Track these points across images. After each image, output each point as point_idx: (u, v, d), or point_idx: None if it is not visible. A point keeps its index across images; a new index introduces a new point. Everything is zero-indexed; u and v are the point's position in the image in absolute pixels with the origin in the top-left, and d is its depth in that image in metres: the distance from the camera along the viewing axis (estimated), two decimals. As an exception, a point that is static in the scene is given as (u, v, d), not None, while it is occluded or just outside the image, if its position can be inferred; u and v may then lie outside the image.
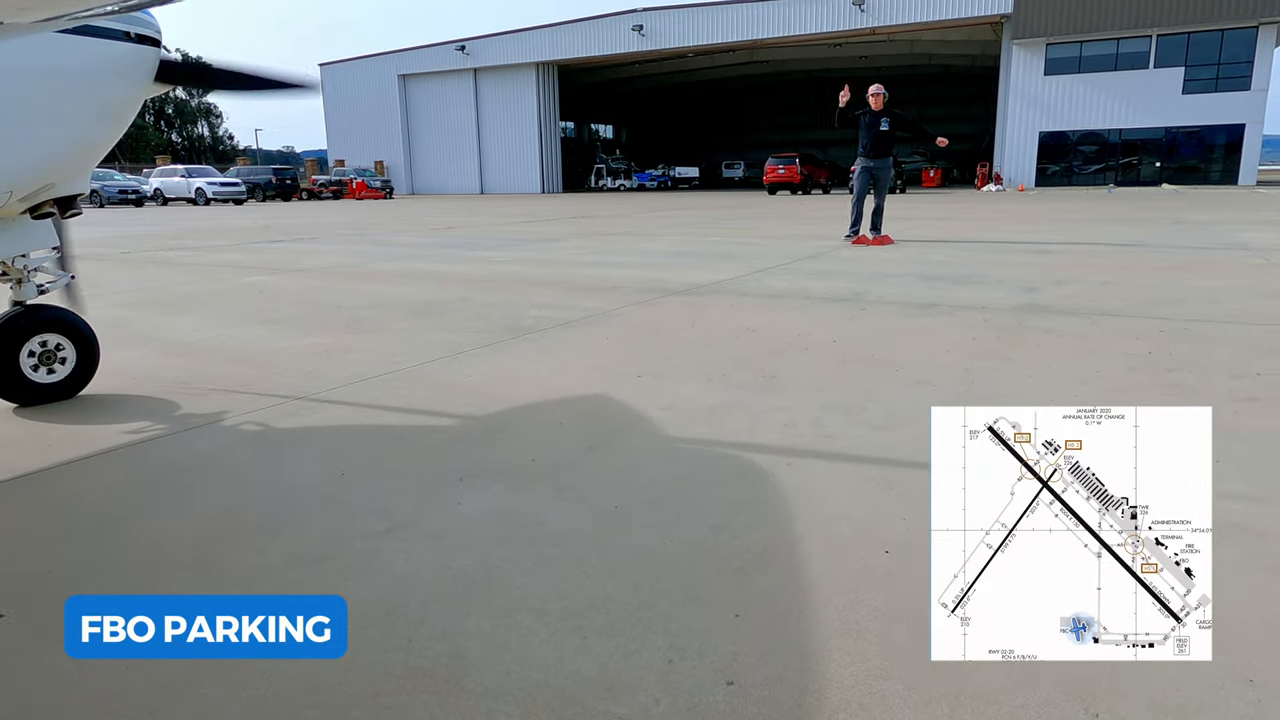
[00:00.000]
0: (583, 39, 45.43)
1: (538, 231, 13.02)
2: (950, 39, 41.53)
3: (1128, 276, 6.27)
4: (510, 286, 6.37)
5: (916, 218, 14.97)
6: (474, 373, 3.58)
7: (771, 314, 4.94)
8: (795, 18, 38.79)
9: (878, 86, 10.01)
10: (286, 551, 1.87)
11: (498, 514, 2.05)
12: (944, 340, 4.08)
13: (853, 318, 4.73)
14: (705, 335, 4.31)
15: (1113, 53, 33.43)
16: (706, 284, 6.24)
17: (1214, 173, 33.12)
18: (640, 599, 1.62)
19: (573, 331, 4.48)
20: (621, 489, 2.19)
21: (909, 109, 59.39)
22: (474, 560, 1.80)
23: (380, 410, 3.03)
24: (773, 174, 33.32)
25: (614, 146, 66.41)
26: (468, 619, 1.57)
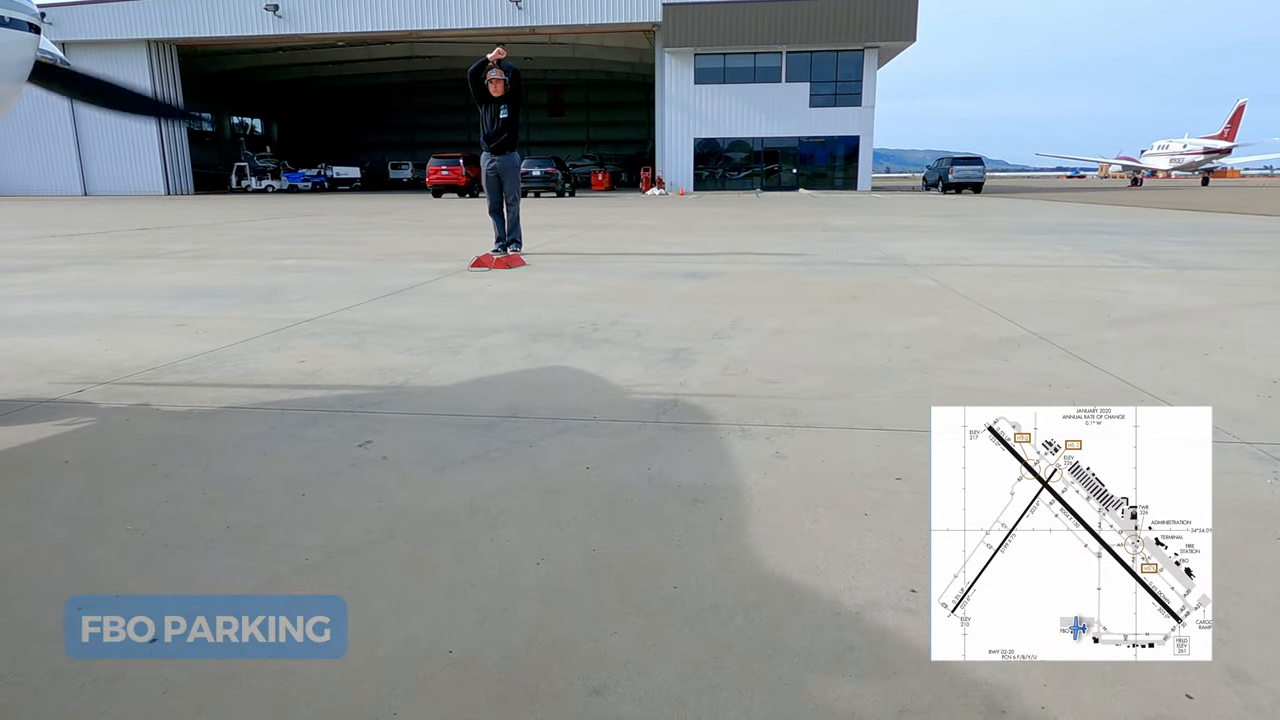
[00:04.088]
0: (207, 16, 39.06)
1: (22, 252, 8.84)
2: (609, 44, 41.96)
3: (803, 318, 4.62)
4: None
5: (575, 225, 13.37)
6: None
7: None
8: (451, 10, 36.44)
9: (500, 54, 7.72)
10: None
11: None
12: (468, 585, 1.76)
13: (327, 482, 2.26)
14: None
15: (751, 66, 35.75)
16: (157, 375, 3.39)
17: (838, 179, 37.01)
18: None
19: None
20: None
21: (576, 113, 60.37)
22: None
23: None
24: (436, 175, 30.85)
25: (263, 143, 58.66)
26: None
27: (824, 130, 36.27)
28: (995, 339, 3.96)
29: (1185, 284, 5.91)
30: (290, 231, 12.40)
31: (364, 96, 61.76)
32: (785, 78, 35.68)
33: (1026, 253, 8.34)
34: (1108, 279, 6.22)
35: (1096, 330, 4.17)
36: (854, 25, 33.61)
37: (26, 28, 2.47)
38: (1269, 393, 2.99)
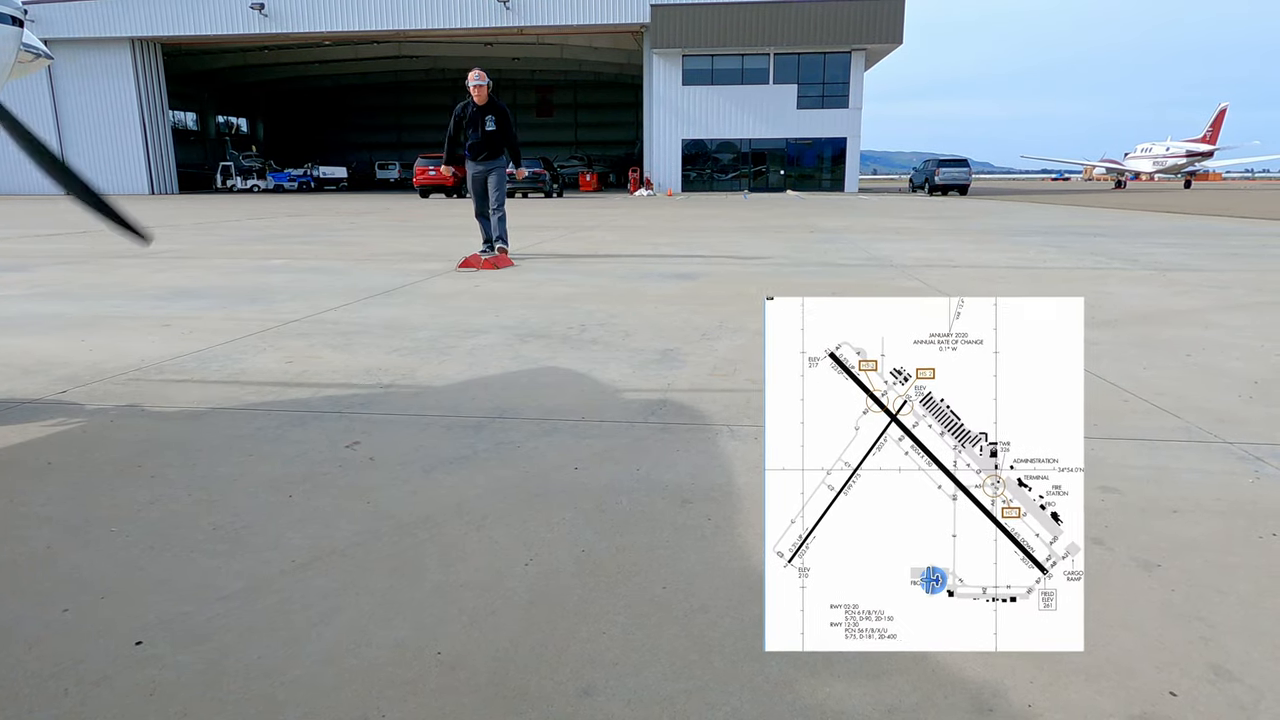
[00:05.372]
0: (192, 15, 38.79)
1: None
2: (598, 45, 41.94)
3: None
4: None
5: (563, 225, 13.35)
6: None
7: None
8: (438, 10, 36.30)
9: (479, 74, 7.68)
10: None
11: None
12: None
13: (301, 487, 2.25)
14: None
15: (739, 68, 35.81)
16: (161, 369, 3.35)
17: (825, 181, 37.13)
18: None
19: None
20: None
21: (564, 114, 60.30)
22: None
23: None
24: (423, 176, 30.74)
25: (249, 142, 58.30)
26: None
27: (811, 132, 36.39)
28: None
29: (1169, 286, 5.97)
30: (276, 231, 12.33)
31: (351, 96, 61.44)
32: (773, 79, 35.77)
33: (1012, 254, 8.40)
34: (1092, 280, 6.28)
35: (1081, 331, 4.20)
36: (841, 28, 33.74)
37: (9, 21, 2.44)
38: (1251, 393, 3.03)
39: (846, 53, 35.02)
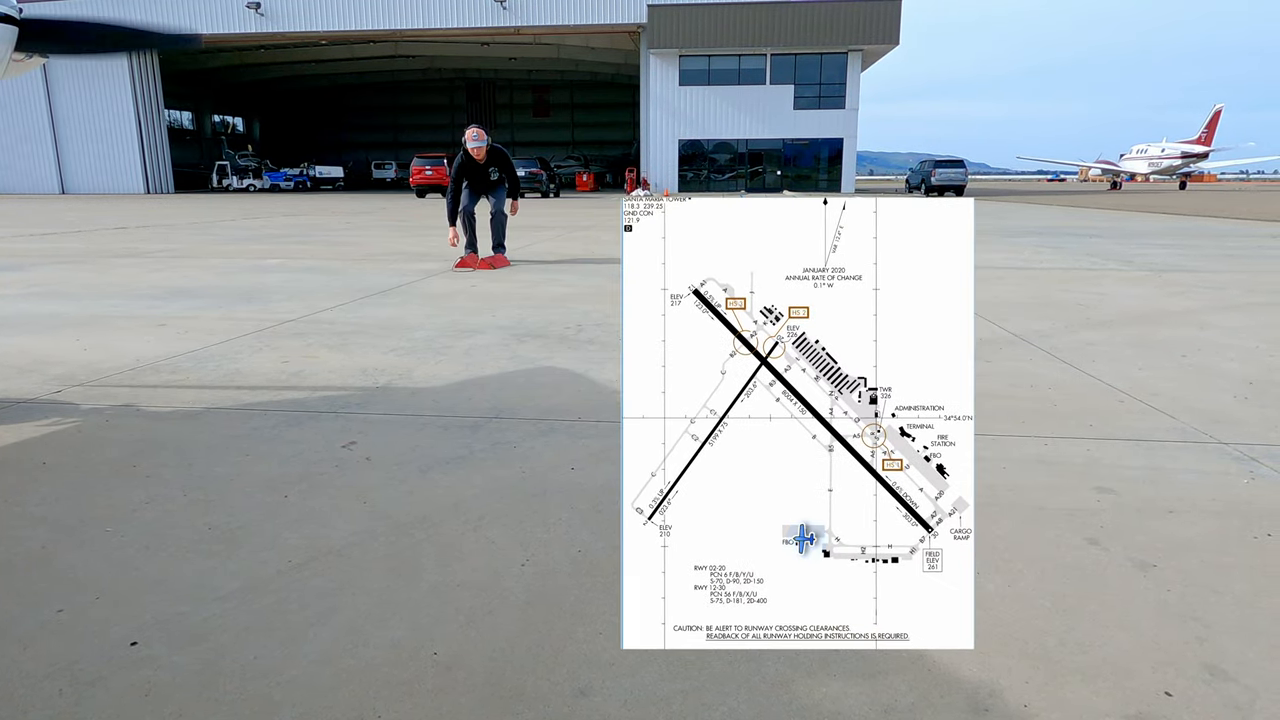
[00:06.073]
0: (188, 14, 38.63)
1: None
2: (594, 45, 41.90)
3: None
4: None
5: (559, 226, 13.36)
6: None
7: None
8: (435, 10, 36.25)
9: (477, 134, 7.21)
10: None
11: None
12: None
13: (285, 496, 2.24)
14: None
15: (735, 68, 35.82)
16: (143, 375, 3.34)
17: (822, 181, 37.13)
18: None
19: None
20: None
21: (561, 114, 60.18)
22: None
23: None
24: (420, 175, 30.76)
25: (245, 141, 58.18)
26: None
27: (808, 132, 36.40)
28: (977, 340, 3.99)
29: (1164, 286, 5.98)
30: (272, 231, 12.30)
31: (347, 96, 61.33)
32: (769, 80, 35.78)
33: (1008, 255, 8.42)
34: (1088, 281, 6.30)
35: (1078, 332, 4.22)
36: (838, 28, 33.77)
37: (3, 20, 2.44)
38: (1245, 394, 3.04)
39: (843, 53, 35.05)
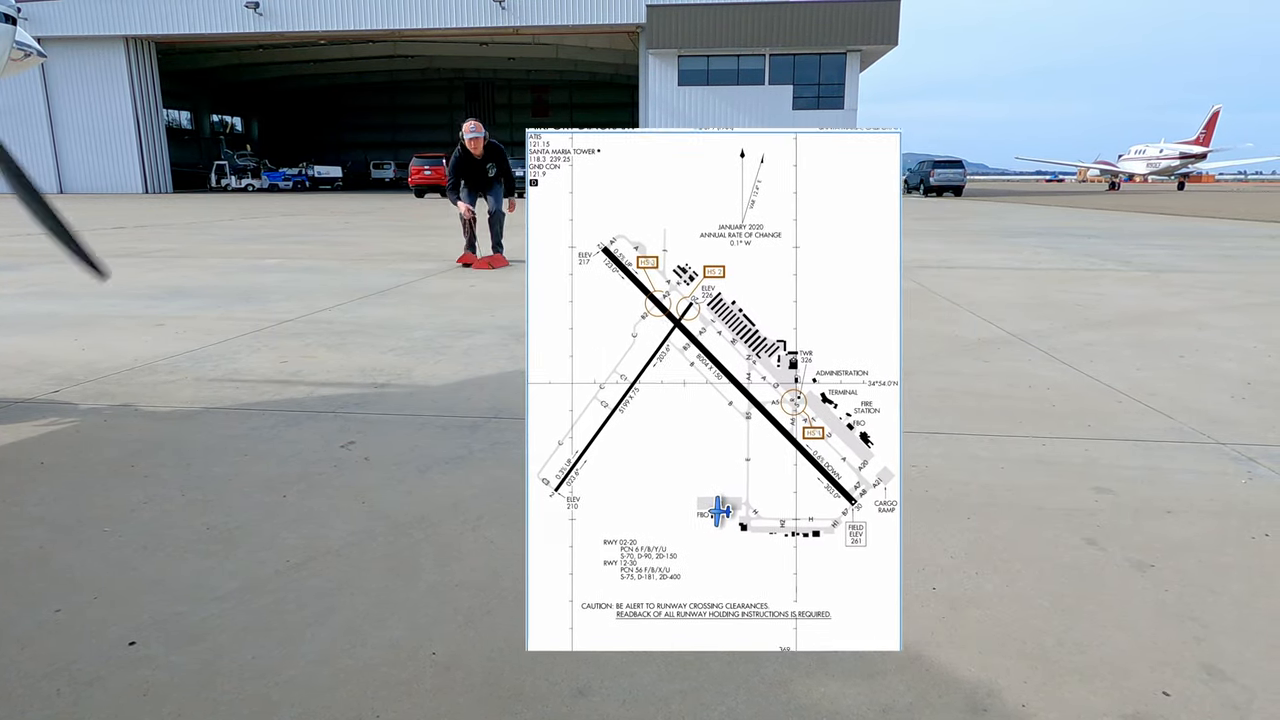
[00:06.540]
0: (186, 13, 38.67)
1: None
2: (593, 45, 41.93)
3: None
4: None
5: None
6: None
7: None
8: (434, 10, 36.25)
9: (474, 126, 7.26)
10: None
11: None
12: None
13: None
14: None
15: (734, 68, 35.85)
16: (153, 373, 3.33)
17: (822, 182, 37.12)
18: None
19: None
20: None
21: (560, 114, 59.99)
22: None
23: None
24: (418, 175, 30.78)
25: (244, 141, 58.18)
26: None
27: (807, 133, 36.41)
28: (976, 340, 4.00)
29: (1162, 287, 5.99)
30: (271, 231, 12.30)
31: (346, 95, 61.31)
32: (768, 80, 35.81)
33: (1007, 255, 8.43)
34: (1087, 282, 6.30)
35: (1076, 332, 4.22)
36: (836, 28, 33.80)
37: (2, 19, 2.44)
38: (1243, 394, 3.04)
39: (842, 54, 35.09)
